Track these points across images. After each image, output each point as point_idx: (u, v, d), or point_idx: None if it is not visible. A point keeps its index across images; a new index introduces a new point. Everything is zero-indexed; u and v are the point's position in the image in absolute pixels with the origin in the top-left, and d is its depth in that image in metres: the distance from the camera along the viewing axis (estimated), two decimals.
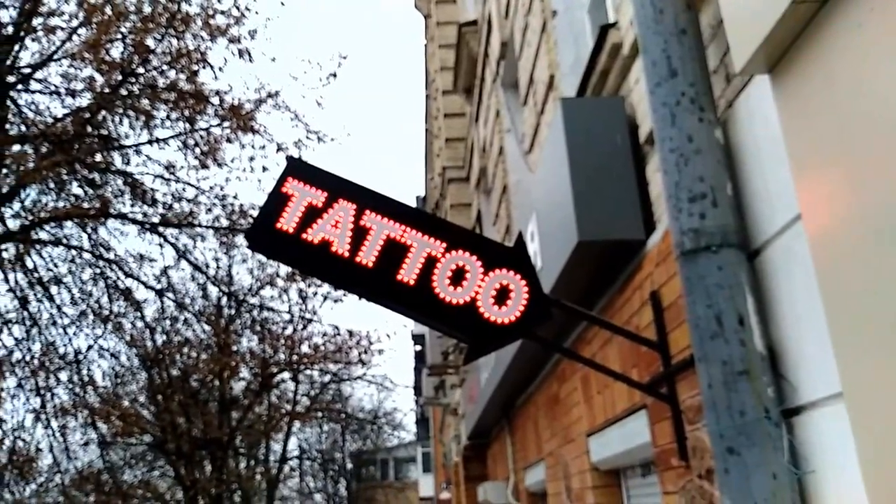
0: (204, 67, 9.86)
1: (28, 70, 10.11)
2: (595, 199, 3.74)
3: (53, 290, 10.00)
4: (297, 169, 3.40)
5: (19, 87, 10.17)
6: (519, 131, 7.80)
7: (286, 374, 21.89)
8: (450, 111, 13.95)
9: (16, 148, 9.52)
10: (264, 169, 10.19)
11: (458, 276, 3.13)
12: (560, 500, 6.01)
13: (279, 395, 24.25)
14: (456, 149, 13.71)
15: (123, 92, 9.77)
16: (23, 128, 9.95)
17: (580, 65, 5.11)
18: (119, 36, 9.59)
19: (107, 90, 9.57)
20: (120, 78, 9.55)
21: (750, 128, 2.46)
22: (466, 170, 13.03)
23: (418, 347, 40.98)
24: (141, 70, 9.78)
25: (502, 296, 3.09)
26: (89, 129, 9.75)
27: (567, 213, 3.79)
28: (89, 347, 9.93)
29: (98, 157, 9.85)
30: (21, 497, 11.44)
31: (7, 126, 9.87)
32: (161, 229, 10.08)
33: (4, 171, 9.44)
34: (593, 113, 3.98)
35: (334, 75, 11.02)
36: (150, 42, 9.59)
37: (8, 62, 9.90)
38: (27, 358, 9.59)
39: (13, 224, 9.76)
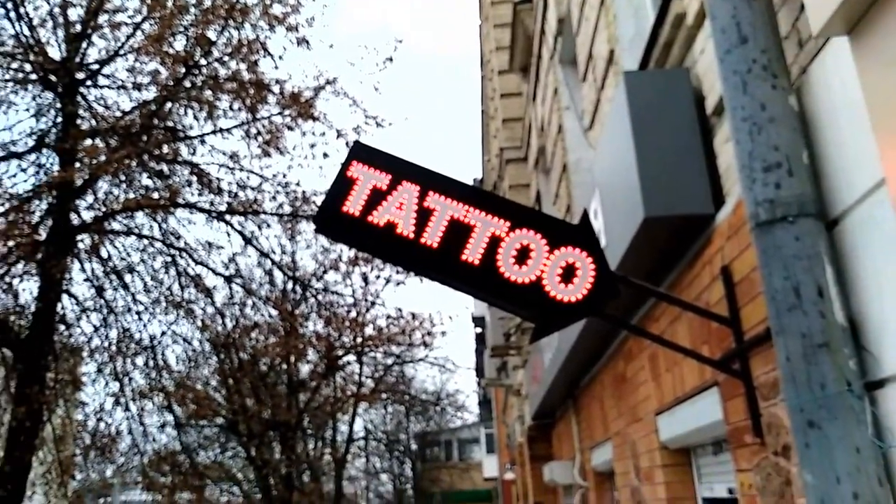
0: (264, 56, 10.02)
1: (96, 66, 10.45)
2: (661, 174, 3.67)
3: (127, 278, 10.38)
4: (362, 152, 3.44)
5: (88, 82, 10.52)
6: (578, 108, 7.70)
7: (351, 357, 22.26)
8: (506, 91, 13.85)
9: (87, 142, 9.87)
10: (325, 155, 10.32)
11: (522, 255, 3.12)
12: (628, 479, 5.97)
13: (345, 378, 24.67)
14: (513, 129, 13.62)
15: (187, 84, 10.01)
16: (93, 122, 10.31)
17: (641, 38, 5.01)
18: (181, 29, 9.81)
19: (171, 83, 9.82)
20: (183, 70, 9.78)
21: (826, 93, 2.38)
22: (524, 150, 12.94)
23: (478, 330, 41.12)
24: (203, 62, 9.99)
25: (568, 274, 3.07)
26: (156, 121, 10.03)
27: (632, 189, 3.74)
28: (163, 333, 10.29)
29: (165, 149, 10.13)
30: (104, 477, 11.95)
31: (78, 121, 10.23)
32: (227, 217, 10.33)
33: (78, 165, 9.79)
34: (657, 86, 3.91)
35: (390, 59, 11.06)
36: (211, 34, 9.79)
37: (77, 59, 10.24)
38: (105, 344, 10.00)
39: (87, 216, 10.14)
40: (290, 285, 13.35)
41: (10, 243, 9.28)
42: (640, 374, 5.25)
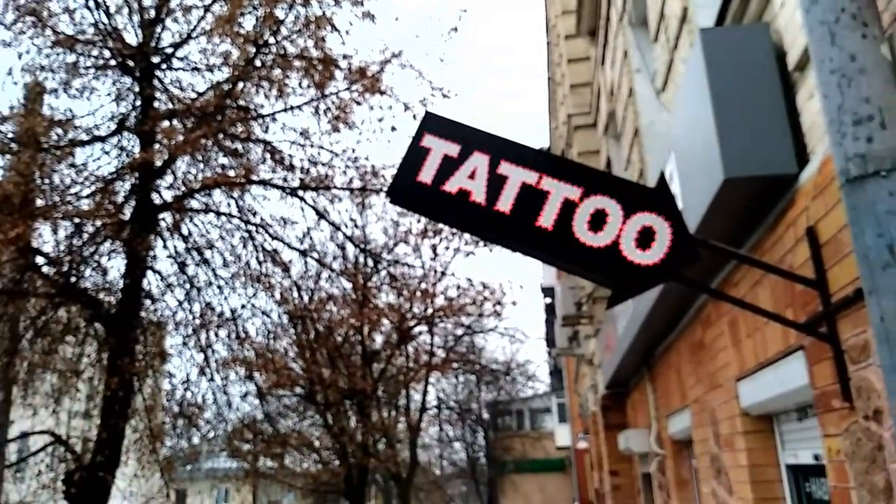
0: (331, 32, 10.11)
1: (170, 49, 10.75)
2: (741, 134, 3.56)
3: (207, 254, 10.74)
4: (433, 123, 3.45)
5: (163, 66, 10.83)
6: (650, 70, 7.50)
7: (422, 327, 22.53)
8: (573, 56, 13.59)
9: (165, 124, 10.19)
10: (393, 129, 10.37)
11: (598, 220, 3.09)
12: (707, 446, 5.89)
13: (416, 348, 25.01)
14: (581, 95, 13.38)
15: (257, 63, 10.19)
16: (169, 104, 10.62)
17: None
18: (250, 9, 9.97)
19: (242, 63, 10.01)
20: (253, 50, 9.96)
21: None
22: (593, 115, 12.71)
23: (548, 300, 40.95)
24: (272, 41, 10.14)
25: (645, 238, 3.03)
26: (229, 101, 10.27)
27: (711, 151, 3.64)
28: (243, 306, 10.63)
29: (239, 128, 10.37)
30: (191, 444, 12.48)
31: (155, 104, 10.57)
32: (300, 193, 10.53)
33: (157, 146, 10.14)
34: (735, 42, 3.77)
35: (455, 30, 10.98)
36: (279, 12, 9.91)
37: (152, 43, 10.55)
38: (189, 318, 10.41)
39: (168, 195, 10.51)
40: (361, 258, 13.57)
41: (98, 223, 9.71)
42: (720, 341, 5.15)
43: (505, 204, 3.19)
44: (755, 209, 3.87)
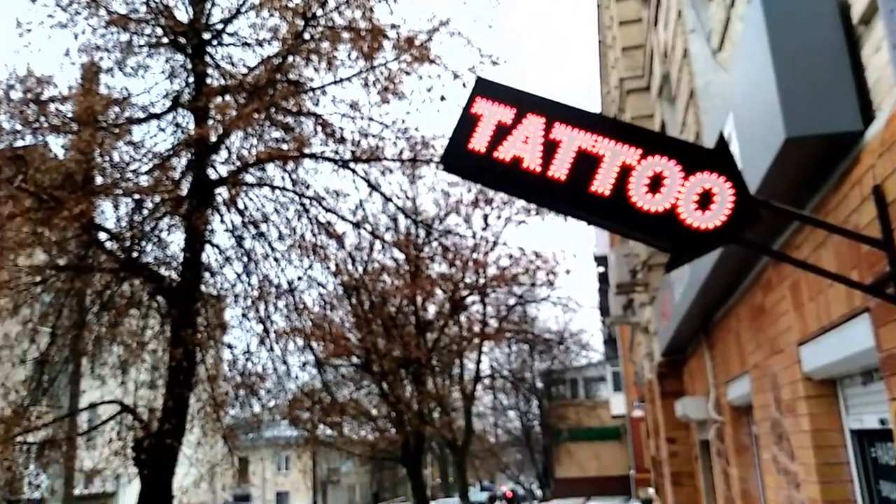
0: (379, 2, 10.07)
1: (220, 25, 10.87)
2: (803, 91, 3.45)
3: (263, 227, 10.93)
4: (485, 88, 3.43)
5: (214, 42, 10.97)
6: (705, 29, 7.29)
7: (475, 298, 22.62)
8: (625, 18, 13.28)
9: (218, 100, 10.35)
10: (442, 98, 10.34)
11: (655, 183, 3.04)
12: (768, 412, 5.80)
13: (469, 318, 25.14)
14: (633, 57, 13.08)
15: (306, 37, 10.24)
16: (222, 80, 10.77)
17: None
18: None
19: (291, 37, 10.07)
20: (302, 23, 10.00)
21: None
22: (646, 78, 12.43)
23: (601, 269, 40.56)
24: (320, 13, 10.17)
25: (705, 200, 2.97)
26: (279, 75, 10.36)
27: (771, 109, 3.53)
28: (299, 278, 10.81)
29: (290, 102, 10.47)
30: (252, 413, 12.82)
31: (208, 80, 10.72)
32: (352, 165, 10.61)
33: (211, 122, 10.31)
34: None
35: None
36: None
37: (202, 20, 10.68)
38: (248, 290, 10.65)
39: (223, 170, 10.70)
40: (413, 229, 13.65)
41: (157, 199, 9.97)
42: (781, 305, 5.04)
43: (559, 169, 3.17)
44: (818, 168, 3.75)
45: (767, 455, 5.99)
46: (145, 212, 10.14)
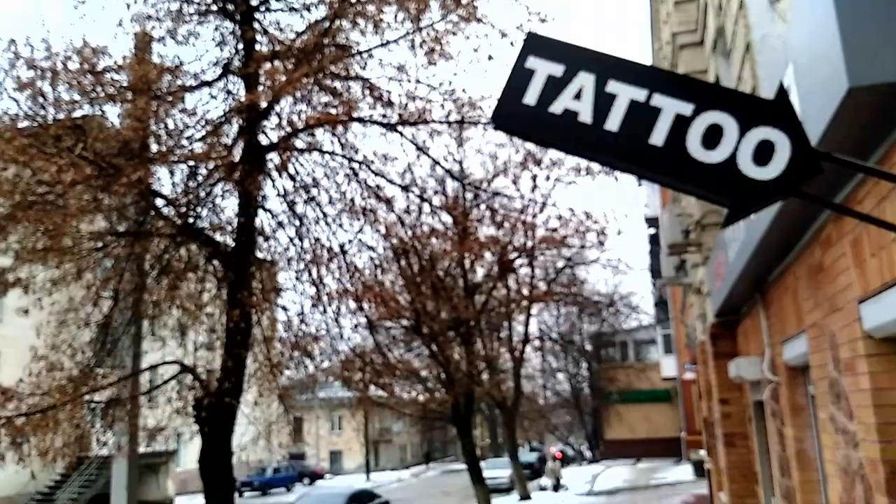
0: None
1: None
2: (867, 39, 3.32)
3: (314, 192, 11.06)
4: (537, 43, 3.39)
5: (262, 7, 11.01)
6: None
7: (523, 260, 22.59)
8: None
9: (267, 65, 10.42)
10: (490, 58, 10.23)
11: (712, 136, 2.98)
12: (825, 371, 5.71)
13: (518, 281, 25.13)
14: (686, 11, 12.71)
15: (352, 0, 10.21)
16: (270, 46, 10.84)
17: None
18: None
19: (337, 0, 10.05)
20: None
21: None
22: (700, 33, 12.08)
23: (652, 231, 40.03)
24: None
25: (764, 152, 2.91)
26: (326, 39, 10.37)
27: (833, 59, 3.41)
28: (350, 241, 10.94)
29: (338, 66, 10.49)
30: (306, 374, 13.12)
31: (257, 46, 10.80)
32: (400, 128, 10.62)
33: (261, 88, 10.40)
34: None
35: None
36: None
37: None
38: (300, 253, 10.82)
39: (274, 136, 10.82)
40: (461, 192, 13.64)
41: (210, 165, 10.16)
42: (841, 262, 4.92)
43: (613, 123, 3.13)
44: (883, 119, 3.62)
45: (824, 415, 5.91)
46: (200, 178, 10.35)
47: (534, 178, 10.83)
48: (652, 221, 36.72)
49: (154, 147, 10.04)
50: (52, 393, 9.70)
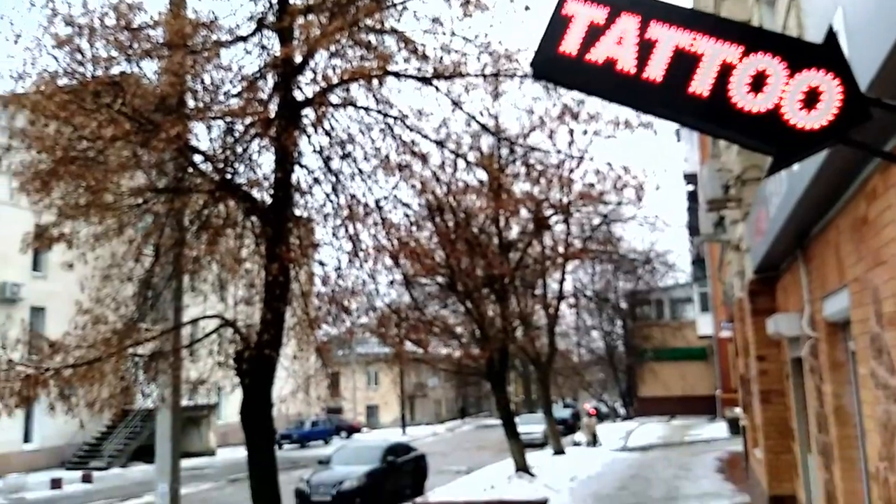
0: None
1: None
2: None
3: (350, 148, 11.05)
4: None
5: None
6: None
7: (558, 217, 22.46)
8: None
9: (301, 19, 10.35)
10: (526, 8, 10.02)
11: (758, 82, 2.91)
12: (867, 326, 5.61)
13: (553, 238, 25.01)
14: None
15: None
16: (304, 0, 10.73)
17: None
18: None
19: None
20: None
21: None
22: None
23: (691, 187, 39.39)
24: None
25: (811, 99, 2.83)
26: None
27: (886, 2, 3.28)
28: (385, 197, 10.94)
29: (373, 19, 10.37)
30: (344, 329, 13.27)
31: (290, 0, 10.71)
32: (434, 82, 10.51)
33: (295, 42, 10.35)
34: None
35: None
36: None
37: None
38: (337, 209, 10.87)
39: (309, 91, 10.79)
40: (496, 147, 13.52)
41: (247, 121, 10.20)
42: (886, 214, 4.79)
43: (655, 70, 3.07)
44: None
45: (865, 370, 5.84)
46: (237, 134, 10.40)
47: (571, 132, 10.64)
48: (690, 178, 36.12)
49: (191, 103, 10.09)
50: (98, 346, 9.97)
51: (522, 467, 21.61)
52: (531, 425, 35.35)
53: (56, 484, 27.82)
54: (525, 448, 22.60)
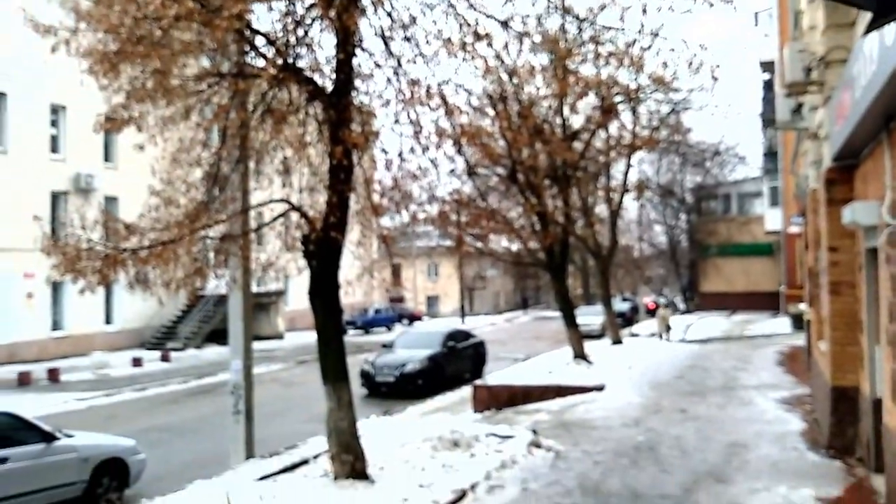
0: None
1: None
2: None
3: (411, 30, 10.71)
4: None
5: None
6: None
7: (626, 105, 21.74)
8: None
9: None
10: None
11: None
12: None
13: (619, 128, 24.33)
14: None
15: None
16: None
17: None
18: None
19: None
20: None
21: None
22: None
23: (766, 76, 37.44)
24: None
25: None
26: None
27: None
28: (446, 82, 10.66)
29: None
30: (407, 215, 13.33)
31: None
32: None
33: None
34: None
35: None
36: None
37: None
38: (397, 94, 10.68)
39: None
40: (564, 27, 12.94)
41: (308, 2, 9.99)
42: None
43: None
44: None
45: None
46: (298, 15, 10.20)
47: (644, 8, 10.00)
48: (767, 65, 34.31)
49: None
50: (171, 228, 10.30)
51: (580, 355, 21.95)
52: (590, 316, 35.70)
53: (137, 362, 29.74)
54: (583, 338, 22.88)
